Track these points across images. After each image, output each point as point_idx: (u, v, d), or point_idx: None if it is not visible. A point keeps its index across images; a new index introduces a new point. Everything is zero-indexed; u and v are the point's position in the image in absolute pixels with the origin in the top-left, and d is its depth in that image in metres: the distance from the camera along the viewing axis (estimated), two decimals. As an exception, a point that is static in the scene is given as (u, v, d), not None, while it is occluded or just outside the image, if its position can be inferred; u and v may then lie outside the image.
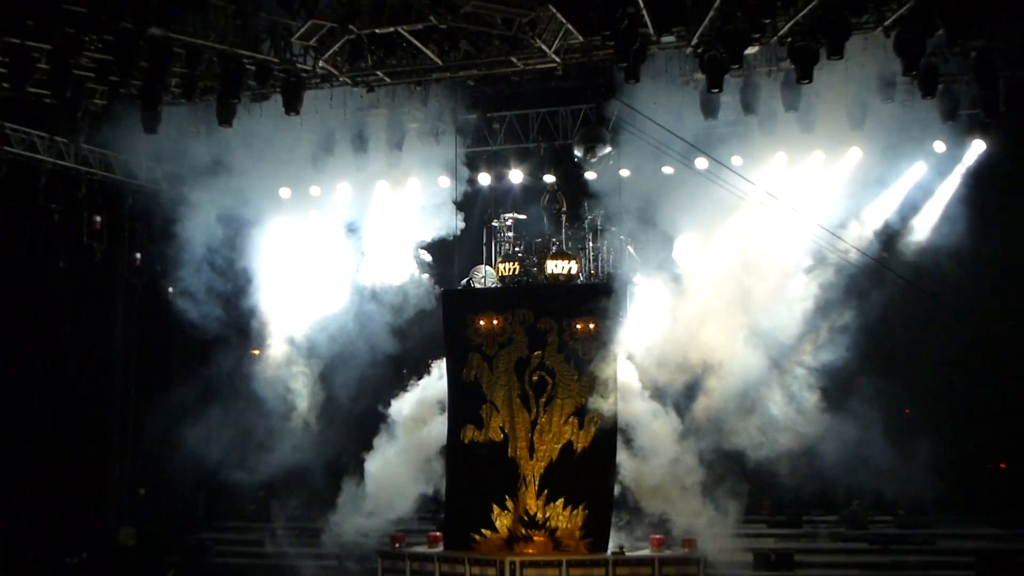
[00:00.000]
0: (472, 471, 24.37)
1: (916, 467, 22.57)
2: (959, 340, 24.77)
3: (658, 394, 24.06)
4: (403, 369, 26.71)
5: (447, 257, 26.86)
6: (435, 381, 25.54)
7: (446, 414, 24.78)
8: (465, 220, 26.08)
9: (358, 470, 25.15)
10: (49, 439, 26.64)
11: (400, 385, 26.08)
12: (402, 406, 25.51)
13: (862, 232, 24.12)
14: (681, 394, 24.15)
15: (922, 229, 24.32)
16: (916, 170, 23.83)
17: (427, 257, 26.66)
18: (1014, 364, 23.73)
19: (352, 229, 26.93)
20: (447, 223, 25.87)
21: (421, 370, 26.07)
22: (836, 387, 23.77)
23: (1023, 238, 23.51)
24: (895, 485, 23.66)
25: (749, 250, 24.26)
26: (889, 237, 24.40)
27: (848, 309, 23.83)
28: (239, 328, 27.34)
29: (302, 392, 27.15)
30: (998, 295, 24.07)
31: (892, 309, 24.19)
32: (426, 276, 26.62)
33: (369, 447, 25.30)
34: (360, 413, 26.21)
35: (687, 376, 23.94)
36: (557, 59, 20.16)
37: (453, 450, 24.48)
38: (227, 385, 26.43)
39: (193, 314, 26.38)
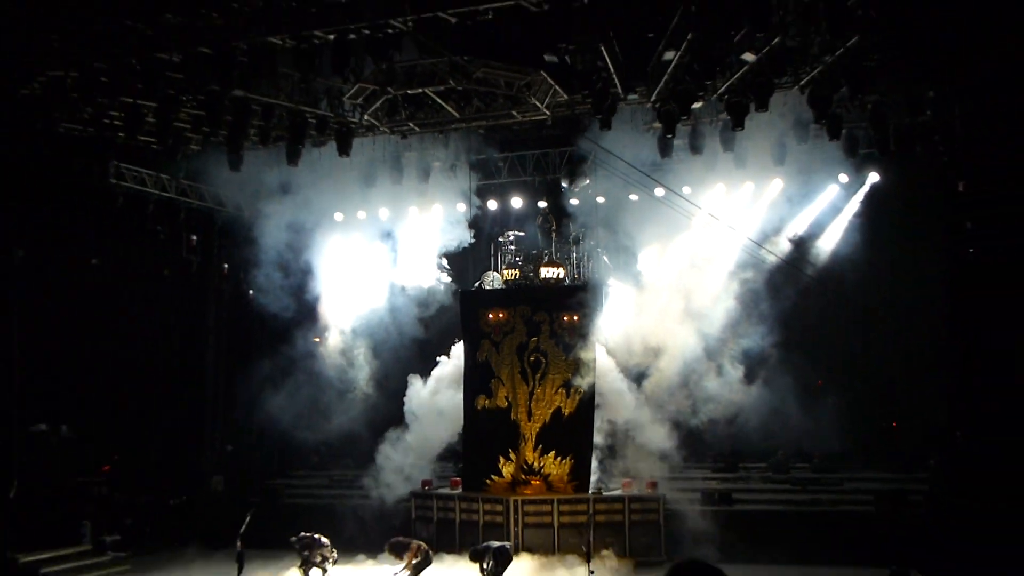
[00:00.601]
0: (483, 430, 24.38)
1: (826, 425, 22.57)
2: (856, 326, 24.79)
3: (626, 373, 24.10)
4: (427, 350, 26.55)
5: (463, 265, 26.84)
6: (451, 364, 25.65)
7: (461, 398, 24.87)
8: (477, 236, 26.07)
9: (390, 437, 25.17)
10: (156, 408, 26.67)
11: (424, 366, 26.00)
12: (418, 393, 25.56)
13: (781, 244, 24.13)
14: (644, 373, 24.13)
15: (828, 241, 24.30)
16: (825, 196, 23.82)
17: (447, 265, 26.63)
18: (899, 344, 23.72)
19: (388, 235, 26.83)
20: (463, 238, 25.86)
21: (442, 352, 26.07)
22: (758, 364, 23.74)
23: (906, 248, 23.43)
24: (810, 439, 23.65)
25: (695, 259, 24.32)
26: (803, 247, 24.39)
27: (767, 302, 23.75)
28: (306, 317, 27.28)
29: (364, 367, 27.06)
30: (886, 291, 24.02)
31: (803, 303, 24.20)
32: (447, 279, 26.60)
33: (399, 419, 25.32)
34: (393, 388, 26.13)
35: (649, 359, 23.93)
36: (548, 112, 20.24)
37: (469, 414, 24.50)
38: (297, 364, 26.39)
39: (270, 307, 26.40)
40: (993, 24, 15.72)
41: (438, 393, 25.31)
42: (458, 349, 25.47)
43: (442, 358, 25.87)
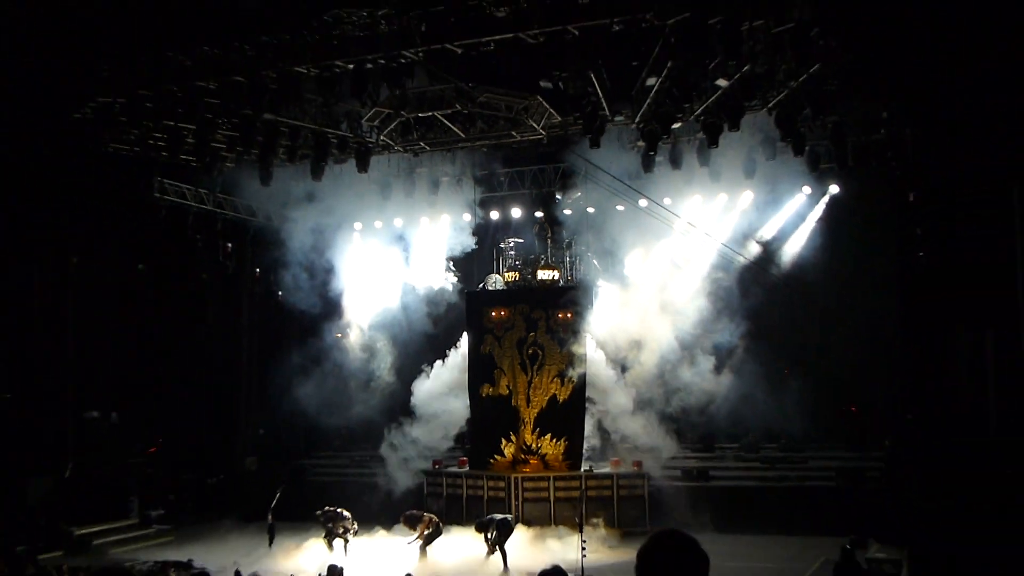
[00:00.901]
0: (487, 415, 24.35)
1: (792, 410, 22.49)
2: (818, 321, 24.62)
3: (614, 364, 24.07)
4: (435, 344, 26.32)
5: (468, 268, 26.77)
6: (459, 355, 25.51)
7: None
8: (480, 243, 25.98)
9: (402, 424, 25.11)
10: (196, 397, 26.69)
11: (434, 358, 25.83)
12: (425, 386, 25.31)
13: (751, 248, 24.08)
14: (629, 364, 24.06)
15: (793, 246, 24.17)
16: (790, 205, 23.72)
17: (454, 268, 26.60)
18: (857, 338, 23.55)
19: (402, 240, 26.77)
20: (468, 244, 25.81)
21: (449, 345, 25.93)
22: (729, 355, 23.59)
23: (862, 252, 23.31)
24: (778, 422, 23.49)
25: (674, 261, 24.28)
26: (770, 251, 24.31)
27: (737, 300, 23.61)
28: (329, 315, 27.23)
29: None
30: (845, 290, 23.87)
31: (769, 300, 23.99)
32: (454, 280, 26.55)
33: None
34: (405, 378, 26.05)
35: (633, 351, 23.88)
36: (543, 133, 20.31)
37: (474, 401, 24.46)
38: (321, 357, 26.35)
39: (298, 306, 26.41)
40: (940, 51, 15.74)
41: (437, 392, 25.09)
42: (462, 345, 25.46)
43: (451, 350, 25.78)
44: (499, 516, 20.17)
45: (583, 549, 17.91)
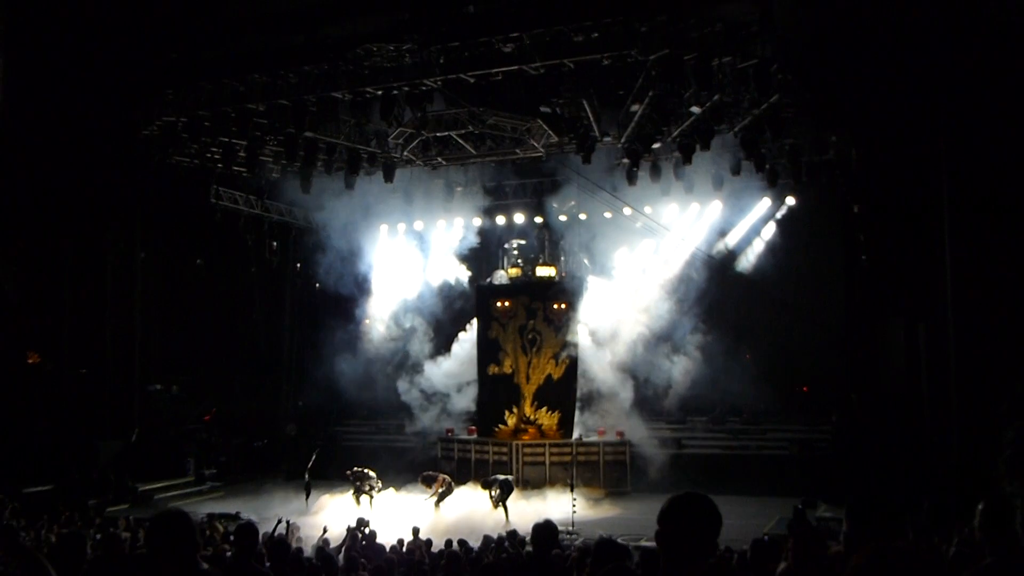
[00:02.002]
0: (493, 390, 24.43)
1: (752, 389, 22.49)
2: (775, 312, 24.49)
3: (600, 346, 24.18)
4: (446, 330, 26.33)
5: (478, 265, 26.79)
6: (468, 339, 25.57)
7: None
8: (488, 243, 26.07)
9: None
10: (245, 372, 26.87)
11: (445, 341, 25.97)
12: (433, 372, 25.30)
13: (718, 250, 24.11)
14: (613, 346, 24.11)
15: (754, 248, 24.20)
16: (752, 214, 23.75)
17: (465, 264, 26.68)
18: (808, 328, 23.51)
19: (422, 240, 26.85)
20: (478, 244, 25.91)
21: (458, 330, 25.98)
22: (700, 342, 23.62)
23: (814, 255, 23.33)
24: (741, 399, 23.48)
25: (653, 261, 24.39)
26: (734, 252, 24.34)
27: (707, 294, 23.58)
28: (359, 304, 27.22)
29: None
30: (798, 286, 23.75)
31: (734, 295, 24.00)
32: (465, 275, 26.67)
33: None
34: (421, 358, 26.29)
35: (617, 337, 23.91)
36: (543, 150, 20.41)
37: (482, 379, 24.56)
38: (351, 341, 26.45)
39: (332, 296, 26.53)
40: (879, 86, 15.87)
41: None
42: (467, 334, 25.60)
43: (462, 333, 25.88)
44: (502, 477, 20.27)
45: (574, 505, 18.13)
